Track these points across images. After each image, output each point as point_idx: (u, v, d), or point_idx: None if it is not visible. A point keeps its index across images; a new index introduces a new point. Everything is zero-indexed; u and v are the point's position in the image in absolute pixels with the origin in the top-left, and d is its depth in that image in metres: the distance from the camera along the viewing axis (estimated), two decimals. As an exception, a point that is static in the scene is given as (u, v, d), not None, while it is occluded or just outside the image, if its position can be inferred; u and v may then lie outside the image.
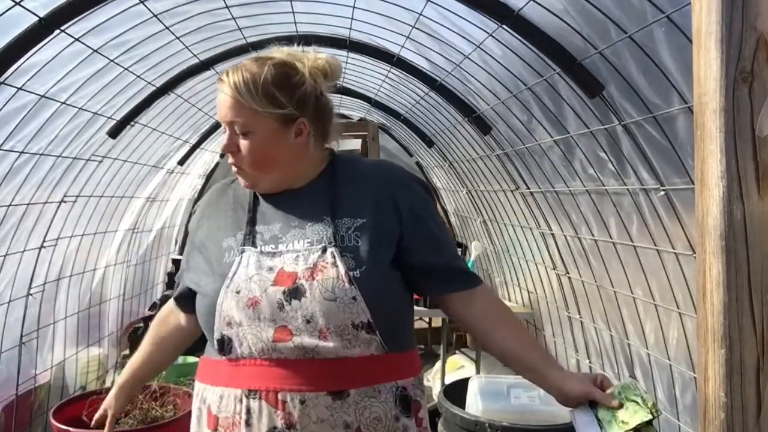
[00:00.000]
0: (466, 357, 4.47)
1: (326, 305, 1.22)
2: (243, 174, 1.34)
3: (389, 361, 1.29)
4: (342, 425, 1.23)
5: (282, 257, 1.27)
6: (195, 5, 2.77)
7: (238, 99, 1.28)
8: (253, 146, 1.30)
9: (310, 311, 1.23)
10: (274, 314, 1.23)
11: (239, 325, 1.26)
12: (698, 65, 0.94)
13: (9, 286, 2.96)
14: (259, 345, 1.24)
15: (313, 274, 1.24)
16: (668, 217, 2.10)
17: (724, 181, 0.90)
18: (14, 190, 2.78)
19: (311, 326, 1.23)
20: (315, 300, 1.23)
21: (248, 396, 1.25)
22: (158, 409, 3.23)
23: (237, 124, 1.30)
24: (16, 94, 2.38)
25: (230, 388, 1.27)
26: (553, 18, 2.12)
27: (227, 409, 1.26)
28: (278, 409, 1.22)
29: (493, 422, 2.54)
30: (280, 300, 1.23)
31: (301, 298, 1.23)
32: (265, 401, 1.23)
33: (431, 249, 1.35)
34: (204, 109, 4.35)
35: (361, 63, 3.88)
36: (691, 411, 2.22)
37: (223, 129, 1.33)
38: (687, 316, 2.13)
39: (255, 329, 1.24)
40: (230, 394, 1.27)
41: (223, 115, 1.31)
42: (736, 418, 0.91)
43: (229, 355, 1.28)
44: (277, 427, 1.22)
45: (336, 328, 1.23)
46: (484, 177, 3.97)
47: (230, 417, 1.26)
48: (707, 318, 0.93)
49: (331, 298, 1.23)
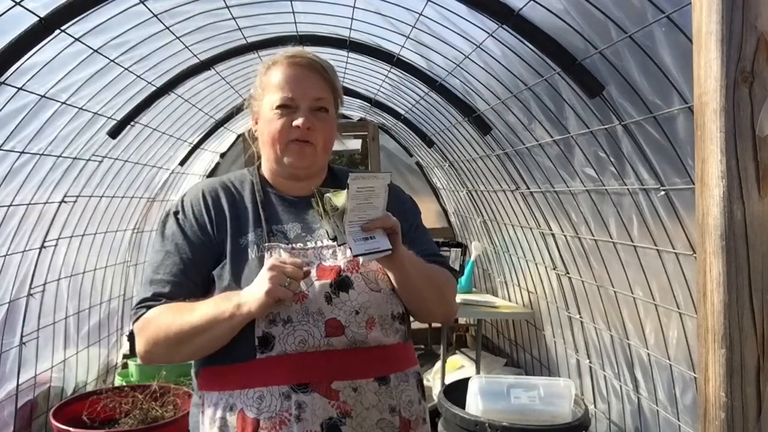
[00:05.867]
0: (466, 357, 4.48)
1: (373, 296, 1.31)
2: (307, 152, 1.38)
3: (409, 350, 1.41)
4: (388, 409, 1.30)
5: (316, 252, 1.33)
6: (195, 5, 2.77)
7: (325, 77, 1.39)
8: (329, 126, 1.40)
9: (359, 302, 1.29)
10: (322, 307, 1.27)
11: (287, 322, 1.26)
12: (698, 65, 0.94)
13: (9, 286, 2.96)
14: (309, 339, 1.26)
15: (356, 267, 1.32)
16: (668, 217, 2.10)
17: (724, 181, 0.90)
18: (14, 191, 2.78)
19: (360, 317, 1.29)
20: (363, 291, 1.30)
21: (296, 390, 1.24)
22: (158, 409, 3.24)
23: (322, 101, 1.38)
24: (17, 95, 2.38)
25: (273, 387, 1.25)
26: (553, 18, 2.12)
27: (271, 408, 1.24)
28: (332, 399, 1.25)
29: (493, 422, 2.54)
30: (327, 293, 1.28)
31: (349, 290, 1.30)
32: (318, 393, 1.24)
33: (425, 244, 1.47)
34: (204, 109, 4.35)
35: (361, 63, 3.88)
36: (691, 411, 2.22)
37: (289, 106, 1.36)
38: (687, 316, 2.13)
39: (304, 324, 1.26)
40: (273, 393, 1.25)
41: (305, 92, 1.36)
42: (737, 418, 0.91)
43: (269, 353, 1.26)
44: (332, 417, 1.24)
45: (380, 318, 1.31)
46: (484, 177, 3.97)
47: (276, 415, 1.24)
48: (707, 318, 0.93)
49: (377, 290, 1.32)
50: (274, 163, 1.42)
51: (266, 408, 1.24)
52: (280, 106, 1.36)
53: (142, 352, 1.33)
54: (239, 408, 1.27)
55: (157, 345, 1.29)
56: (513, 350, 4.38)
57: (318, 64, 1.40)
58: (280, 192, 1.44)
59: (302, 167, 1.40)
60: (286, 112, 1.37)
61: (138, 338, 1.33)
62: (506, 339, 4.51)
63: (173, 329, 1.27)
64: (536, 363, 3.87)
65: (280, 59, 1.41)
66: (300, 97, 1.37)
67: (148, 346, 1.31)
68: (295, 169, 1.40)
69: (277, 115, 1.37)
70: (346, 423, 1.24)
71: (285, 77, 1.38)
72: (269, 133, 1.38)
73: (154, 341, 1.29)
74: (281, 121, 1.36)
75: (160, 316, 1.29)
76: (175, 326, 1.27)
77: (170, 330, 1.27)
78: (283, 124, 1.36)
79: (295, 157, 1.38)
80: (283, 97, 1.36)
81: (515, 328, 4.27)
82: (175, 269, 1.34)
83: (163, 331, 1.28)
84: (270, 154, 1.41)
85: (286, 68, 1.39)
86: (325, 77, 1.39)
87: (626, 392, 2.71)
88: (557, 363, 3.52)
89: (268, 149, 1.41)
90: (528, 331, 4.00)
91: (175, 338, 1.27)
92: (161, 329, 1.28)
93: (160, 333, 1.28)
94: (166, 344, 1.28)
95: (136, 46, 2.85)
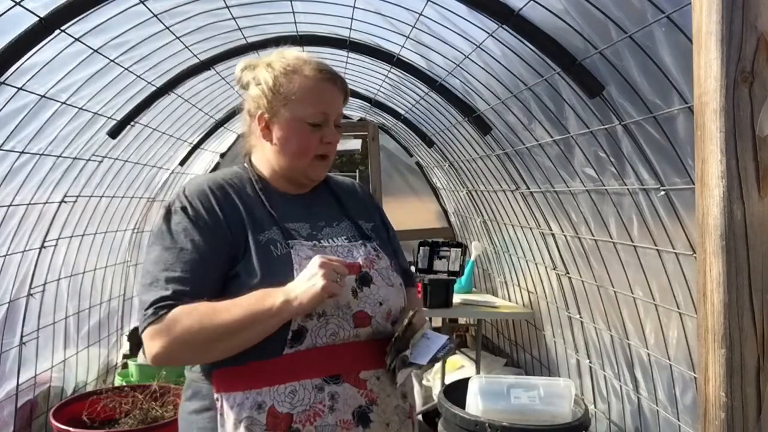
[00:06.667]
0: (466, 357, 4.48)
1: (390, 290, 1.39)
2: (325, 166, 1.46)
3: None
4: (401, 396, 1.38)
5: (333, 250, 1.37)
6: (195, 5, 2.77)
7: (345, 91, 1.45)
8: (338, 140, 1.46)
9: (381, 295, 1.36)
10: (350, 301, 1.32)
11: (321, 315, 1.29)
12: (698, 65, 0.94)
13: (9, 286, 2.96)
14: (340, 332, 1.30)
15: (372, 263, 1.39)
16: (668, 217, 2.10)
17: (724, 181, 0.90)
18: (14, 191, 2.78)
19: (383, 309, 1.36)
20: (383, 285, 1.37)
21: (329, 382, 1.27)
22: (158, 409, 3.23)
23: (339, 118, 1.44)
24: (17, 95, 2.38)
25: (305, 380, 1.26)
26: (554, 18, 2.12)
27: (304, 402, 1.25)
28: (361, 388, 1.30)
29: (493, 422, 2.54)
30: (354, 287, 1.33)
31: (370, 285, 1.36)
32: (348, 383, 1.29)
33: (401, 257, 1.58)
34: (204, 109, 4.35)
35: (361, 63, 3.88)
36: (691, 411, 2.22)
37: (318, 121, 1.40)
38: (687, 316, 2.13)
39: (336, 317, 1.30)
40: (306, 386, 1.26)
41: (336, 108, 1.43)
42: (737, 418, 0.91)
43: (298, 347, 1.27)
44: (361, 405, 1.30)
45: (395, 310, 1.38)
46: (484, 177, 3.97)
47: (310, 408, 1.25)
48: (707, 318, 0.93)
49: (391, 284, 1.40)
50: (290, 172, 1.43)
51: (299, 402, 1.25)
52: (315, 122, 1.40)
53: (160, 354, 1.25)
54: (269, 405, 1.25)
55: (186, 345, 1.24)
56: (513, 350, 4.38)
57: (340, 78, 1.44)
58: (280, 190, 1.45)
59: (319, 179, 1.48)
60: (317, 128, 1.40)
61: (157, 340, 1.25)
62: (506, 339, 4.52)
63: (208, 329, 1.23)
64: (536, 363, 3.87)
65: (308, 70, 1.40)
66: (332, 114, 1.42)
67: (173, 346, 1.24)
68: (312, 181, 1.47)
69: (310, 130, 1.40)
70: (373, 410, 1.30)
71: (320, 93, 1.40)
72: (296, 146, 1.40)
73: (183, 342, 1.24)
74: (314, 137, 1.40)
75: (190, 315, 1.24)
76: (210, 326, 1.23)
77: (204, 330, 1.23)
78: (316, 139, 1.41)
79: (318, 173, 1.45)
80: (320, 114, 1.40)
81: (515, 328, 4.27)
82: (195, 266, 1.28)
83: (195, 331, 1.23)
84: (288, 164, 1.42)
85: (318, 82, 1.40)
86: (344, 90, 1.45)
87: (626, 392, 2.71)
88: (557, 363, 3.52)
89: (288, 159, 1.42)
90: (528, 331, 4.00)
91: (209, 338, 1.23)
92: (193, 329, 1.23)
93: (191, 333, 1.23)
94: (197, 344, 1.24)
95: (136, 46, 2.85)
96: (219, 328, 1.23)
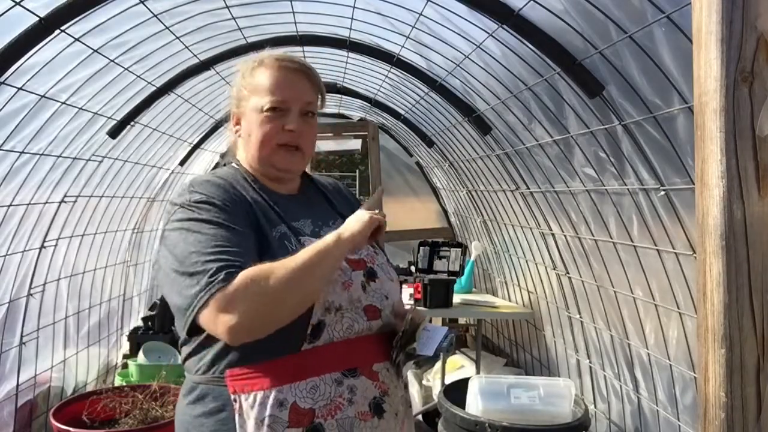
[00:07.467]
0: (466, 357, 4.47)
1: (391, 284, 1.43)
2: (297, 157, 1.42)
3: None
4: (403, 387, 1.43)
5: None
6: (195, 5, 2.77)
7: (314, 82, 1.42)
8: (315, 130, 1.44)
9: (386, 289, 1.40)
10: (360, 295, 1.34)
11: (338, 309, 1.30)
12: (698, 65, 0.94)
13: (9, 286, 2.96)
14: (355, 325, 1.32)
15: (373, 259, 1.42)
16: (668, 217, 2.10)
17: (724, 181, 0.90)
18: (14, 191, 2.78)
19: (389, 302, 1.39)
20: (385, 280, 1.41)
21: (347, 375, 1.30)
22: (158, 409, 3.23)
23: (311, 106, 1.41)
24: (17, 95, 2.38)
25: (326, 375, 1.27)
26: (554, 18, 2.12)
27: (325, 396, 1.27)
28: (375, 380, 1.33)
29: (493, 422, 2.54)
30: (363, 282, 1.36)
31: (376, 279, 1.39)
32: (364, 376, 1.32)
33: None
34: (204, 109, 4.35)
35: (361, 63, 3.88)
36: (691, 411, 2.22)
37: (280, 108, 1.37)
38: (687, 316, 2.13)
39: (350, 311, 1.32)
40: (326, 381, 1.27)
41: (298, 95, 1.39)
42: (737, 418, 0.91)
43: (315, 343, 1.27)
44: (376, 397, 1.33)
45: (397, 303, 1.43)
46: (484, 177, 3.97)
47: (330, 402, 1.27)
48: (707, 318, 0.93)
49: (390, 279, 1.44)
50: (259, 165, 1.41)
51: (321, 396, 1.26)
52: (270, 108, 1.37)
53: (239, 323, 1.16)
54: (291, 402, 1.24)
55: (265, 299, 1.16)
56: (513, 350, 4.38)
57: (306, 67, 1.42)
58: (271, 189, 1.44)
59: (292, 172, 1.45)
60: (275, 115, 1.37)
61: (231, 308, 1.15)
62: (506, 339, 4.52)
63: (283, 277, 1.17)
64: (536, 363, 3.87)
65: (267, 61, 1.40)
66: (292, 101, 1.38)
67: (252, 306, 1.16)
68: (283, 173, 1.43)
69: (267, 118, 1.37)
70: (385, 401, 1.34)
71: (276, 80, 1.38)
72: (257, 136, 1.38)
73: (260, 298, 1.16)
74: (271, 125, 1.37)
75: (261, 270, 1.18)
76: (284, 272, 1.18)
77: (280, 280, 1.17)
78: (273, 127, 1.37)
79: (285, 163, 1.40)
80: (274, 100, 1.37)
81: (515, 328, 4.27)
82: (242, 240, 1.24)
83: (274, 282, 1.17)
84: (255, 156, 1.40)
85: (275, 71, 1.39)
86: (312, 81, 1.41)
87: (626, 392, 2.71)
88: (557, 363, 3.52)
89: (253, 151, 1.40)
90: (528, 331, 4.00)
91: (285, 287, 1.17)
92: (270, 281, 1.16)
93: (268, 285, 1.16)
94: (273, 296, 1.17)
95: (136, 46, 2.85)
96: (293, 271, 1.18)
